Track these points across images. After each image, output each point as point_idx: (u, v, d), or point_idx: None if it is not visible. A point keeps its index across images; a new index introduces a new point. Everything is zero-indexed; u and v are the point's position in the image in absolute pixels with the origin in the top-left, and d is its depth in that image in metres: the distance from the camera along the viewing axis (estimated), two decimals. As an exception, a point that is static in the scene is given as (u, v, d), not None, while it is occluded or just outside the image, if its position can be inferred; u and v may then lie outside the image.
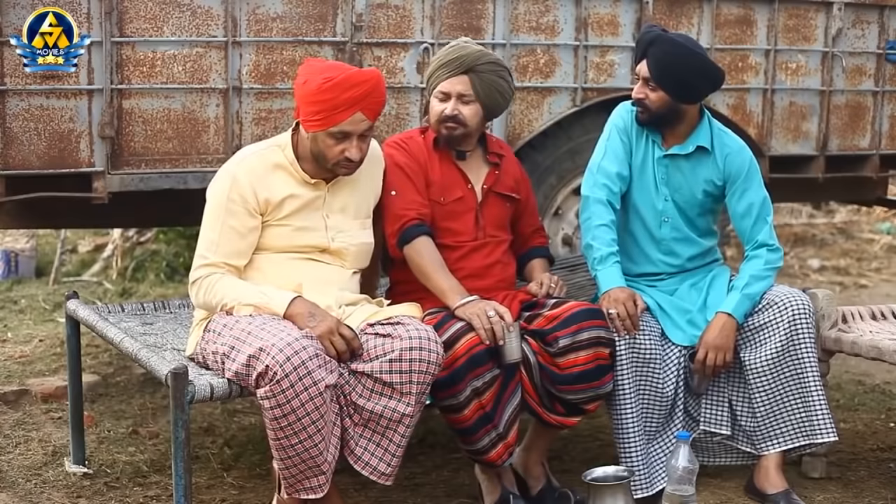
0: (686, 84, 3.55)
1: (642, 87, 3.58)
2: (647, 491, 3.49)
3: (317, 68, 3.20)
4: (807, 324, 3.53)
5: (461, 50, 3.46)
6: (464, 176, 3.52)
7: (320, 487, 3.06)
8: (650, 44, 3.55)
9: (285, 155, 3.25)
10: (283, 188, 3.22)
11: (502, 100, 3.50)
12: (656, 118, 3.59)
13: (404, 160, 3.46)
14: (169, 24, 3.95)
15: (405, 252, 3.38)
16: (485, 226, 3.52)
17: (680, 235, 3.70)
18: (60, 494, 3.61)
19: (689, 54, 3.54)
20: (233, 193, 3.18)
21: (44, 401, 4.48)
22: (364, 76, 3.17)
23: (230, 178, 3.20)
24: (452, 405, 3.22)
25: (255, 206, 3.19)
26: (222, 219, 3.18)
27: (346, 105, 3.12)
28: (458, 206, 3.49)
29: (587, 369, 3.31)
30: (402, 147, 3.49)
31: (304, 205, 3.24)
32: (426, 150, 3.51)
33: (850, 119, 5.03)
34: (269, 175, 3.22)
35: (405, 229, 3.38)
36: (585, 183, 3.67)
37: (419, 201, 3.42)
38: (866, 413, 4.58)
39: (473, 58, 3.44)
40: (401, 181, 3.43)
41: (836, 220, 9.24)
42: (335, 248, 3.28)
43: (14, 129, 3.82)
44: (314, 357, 2.92)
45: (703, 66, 3.56)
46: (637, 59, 3.62)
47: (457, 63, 3.43)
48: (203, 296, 3.19)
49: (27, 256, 7.07)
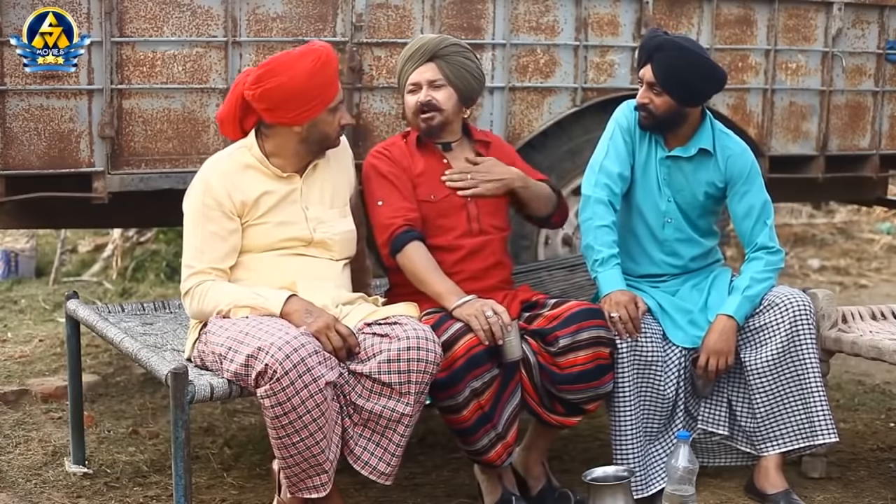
0: (692, 88, 3.54)
1: (647, 91, 3.56)
2: (643, 492, 3.49)
3: (282, 63, 3.15)
4: (808, 325, 3.52)
5: (421, 40, 3.52)
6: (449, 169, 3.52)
7: (322, 486, 3.05)
8: (656, 49, 3.53)
9: (253, 154, 3.26)
10: (256, 186, 3.23)
11: (474, 81, 3.52)
12: (660, 122, 3.58)
13: (387, 168, 3.46)
14: (169, 24, 3.95)
15: (398, 261, 3.38)
16: (479, 216, 3.50)
17: (682, 236, 3.70)
18: (60, 494, 3.61)
19: (696, 59, 3.53)
20: (207, 199, 3.19)
21: (44, 401, 4.48)
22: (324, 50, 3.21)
23: (202, 184, 3.22)
24: (451, 406, 3.22)
25: (231, 207, 3.20)
26: (201, 225, 3.19)
27: (331, 80, 3.20)
28: (449, 203, 3.48)
29: (587, 369, 3.31)
30: (383, 155, 3.50)
31: (280, 199, 3.25)
32: (409, 153, 3.51)
33: (850, 119, 5.03)
34: (241, 175, 3.23)
35: (395, 237, 3.37)
36: (586, 181, 3.66)
37: (406, 206, 3.41)
38: (866, 413, 4.58)
39: (434, 44, 3.48)
40: (385, 190, 3.43)
41: (836, 220, 9.24)
42: (319, 240, 3.28)
43: (14, 129, 3.82)
44: (313, 354, 2.93)
45: (709, 69, 3.55)
46: (641, 63, 3.60)
47: (420, 52, 3.47)
48: (197, 304, 3.19)
49: (27, 256, 7.07)
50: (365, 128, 4.20)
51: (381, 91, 4.25)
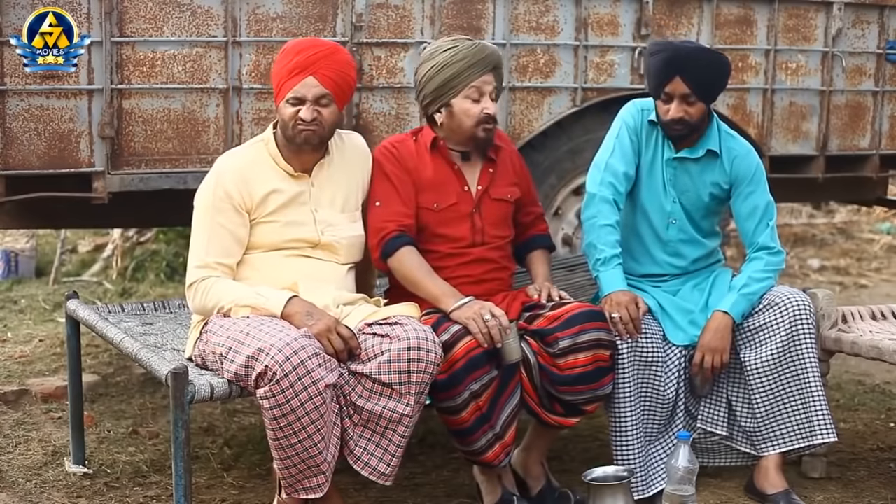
0: (719, 87, 3.57)
1: (680, 105, 3.49)
2: (644, 492, 3.49)
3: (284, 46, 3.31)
4: (808, 325, 3.52)
5: (486, 47, 3.42)
6: (460, 178, 3.47)
7: (319, 487, 3.06)
8: (686, 62, 3.47)
9: (268, 150, 3.28)
10: (266, 183, 3.24)
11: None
12: (694, 129, 3.56)
13: (391, 168, 3.42)
14: (169, 24, 3.95)
15: (389, 264, 3.36)
16: (483, 227, 3.48)
17: (686, 237, 3.69)
18: (60, 494, 3.61)
19: (717, 59, 3.55)
20: (218, 191, 3.20)
21: (44, 401, 4.48)
22: (315, 42, 3.28)
23: (214, 177, 3.24)
24: (450, 407, 3.21)
25: (241, 202, 3.20)
26: (211, 217, 3.20)
27: (297, 69, 3.19)
28: (453, 212, 3.45)
29: (587, 371, 3.31)
30: (390, 154, 3.44)
31: (289, 199, 3.25)
32: (417, 155, 3.45)
33: (850, 119, 5.03)
34: (252, 171, 3.24)
35: (386, 241, 3.35)
36: (591, 179, 3.64)
37: (402, 212, 3.38)
38: (866, 413, 4.58)
39: (497, 55, 3.43)
40: (385, 192, 3.40)
41: (836, 220, 9.24)
42: (326, 242, 3.28)
43: (14, 129, 3.82)
44: (313, 356, 2.92)
45: (725, 64, 3.58)
46: (664, 79, 3.49)
47: (487, 60, 3.38)
48: (200, 299, 3.19)
49: (27, 256, 7.07)
50: (365, 128, 4.20)
51: (381, 91, 4.25)
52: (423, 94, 3.43)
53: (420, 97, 3.46)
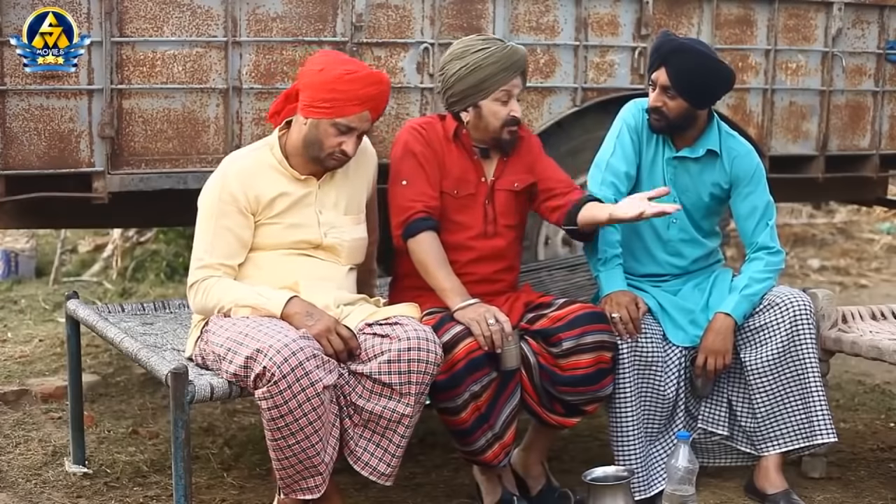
0: (706, 91, 3.54)
1: (660, 95, 3.53)
2: (645, 493, 3.49)
3: (336, 59, 3.25)
4: (808, 325, 3.53)
5: (517, 51, 3.40)
6: (478, 169, 3.47)
7: (317, 488, 3.05)
8: (672, 53, 3.50)
9: (274, 154, 3.26)
10: (273, 187, 3.23)
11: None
12: (672, 125, 3.57)
13: (420, 148, 3.40)
14: (169, 24, 3.95)
15: (409, 245, 3.35)
16: (495, 217, 3.47)
17: (686, 237, 3.69)
18: (60, 494, 3.61)
19: (712, 63, 3.52)
20: (223, 194, 3.19)
21: (44, 401, 4.48)
22: (382, 78, 3.23)
23: (220, 179, 3.22)
24: (450, 407, 3.22)
25: (246, 204, 3.20)
26: (215, 219, 3.19)
27: (360, 100, 3.15)
28: (469, 201, 3.46)
29: (588, 373, 3.31)
30: (419, 133, 3.42)
31: (295, 202, 3.25)
32: (444, 140, 3.45)
33: (850, 119, 5.03)
34: (259, 174, 3.23)
35: (411, 222, 3.34)
36: (592, 179, 3.64)
37: (429, 194, 3.38)
38: (866, 413, 4.58)
39: (525, 58, 3.42)
40: (413, 170, 3.38)
41: (836, 220, 9.24)
42: (328, 244, 3.28)
43: (14, 129, 3.82)
44: (312, 357, 2.92)
45: (723, 73, 3.54)
46: (653, 66, 3.56)
47: (518, 65, 3.38)
48: (201, 299, 3.19)
49: (27, 256, 7.07)
50: (365, 128, 4.20)
51: (381, 91, 4.25)
52: (451, 92, 3.41)
53: (446, 94, 3.43)
